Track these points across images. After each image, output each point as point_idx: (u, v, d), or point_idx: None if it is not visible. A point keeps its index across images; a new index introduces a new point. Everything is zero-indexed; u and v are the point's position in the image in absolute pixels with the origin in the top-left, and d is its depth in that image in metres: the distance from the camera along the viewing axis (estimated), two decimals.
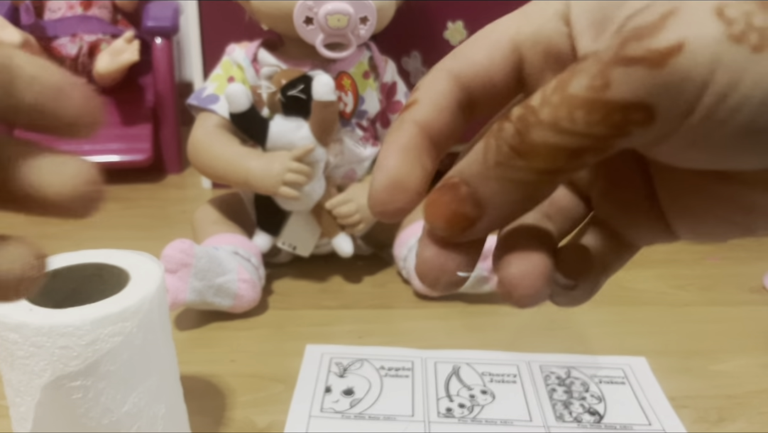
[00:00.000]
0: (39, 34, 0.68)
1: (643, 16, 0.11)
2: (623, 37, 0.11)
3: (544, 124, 0.11)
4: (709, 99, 0.10)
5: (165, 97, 0.73)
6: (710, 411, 0.38)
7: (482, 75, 0.14)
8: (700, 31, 0.10)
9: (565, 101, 0.11)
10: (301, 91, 0.46)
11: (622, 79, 0.10)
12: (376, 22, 0.47)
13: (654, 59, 0.10)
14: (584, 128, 0.11)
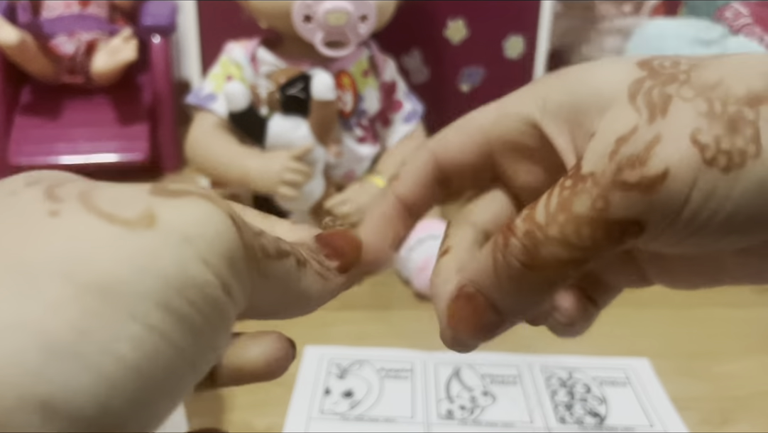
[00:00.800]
0: (36, 32, 0.68)
1: (633, 144, 0.12)
2: (618, 164, 0.12)
3: (554, 241, 0.13)
4: (688, 212, 0.12)
5: (163, 96, 0.73)
6: (713, 413, 0.38)
7: (456, 159, 0.16)
8: (680, 158, 0.12)
9: (572, 220, 0.13)
10: (301, 90, 0.45)
11: (620, 202, 0.12)
12: (375, 20, 0.47)
13: (646, 185, 0.12)
14: (589, 243, 0.13)
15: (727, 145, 0.12)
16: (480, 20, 0.62)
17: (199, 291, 0.10)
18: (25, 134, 0.70)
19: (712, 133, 0.12)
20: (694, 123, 0.12)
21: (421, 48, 0.63)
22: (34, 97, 0.72)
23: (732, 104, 0.12)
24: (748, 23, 0.59)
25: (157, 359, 0.09)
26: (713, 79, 0.13)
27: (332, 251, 0.14)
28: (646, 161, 0.12)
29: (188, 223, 0.10)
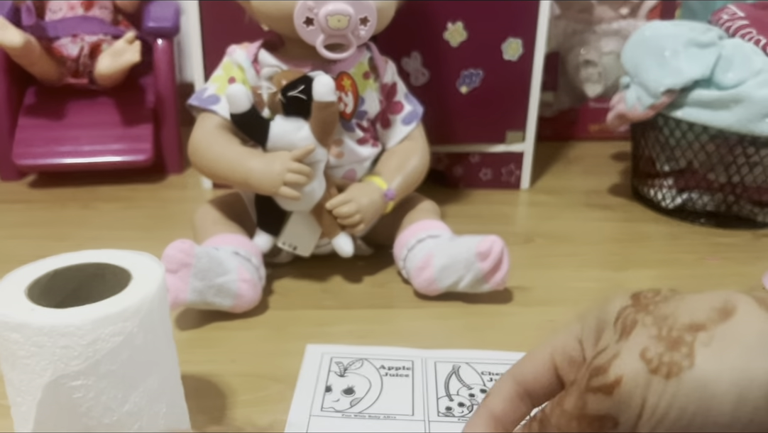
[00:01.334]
0: (40, 34, 0.69)
1: (599, 358, 0.18)
2: (589, 373, 0.18)
3: (553, 427, 0.18)
4: (648, 410, 0.17)
5: (166, 98, 0.73)
6: None
7: (533, 379, 0.22)
8: (630, 368, 0.17)
9: (564, 415, 0.18)
10: (302, 92, 0.46)
11: (592, 402, 0.18)
12: (376, 22, 0.47)
13: (606, 389, 0.17)
14: (577, 430, 0.18)
15: (667, 359, 0.16)
16: (479, 23, 0.63)
17: None
18: (30, 136, 0.70)
19: (656, 350, 0.17)
20: (645, 343, 0.17)
21: (421, 50, 0.64)
22: (38, 99, 0.73)
23: (676, 330, 0.17)
24: (745, 25, 0.60)
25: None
26: (669, 312, 0.18)
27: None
28: (606, 371, 0.17)
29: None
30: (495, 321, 0.47)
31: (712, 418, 0.16)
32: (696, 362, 0.16)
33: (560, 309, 0.48)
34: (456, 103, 0.66)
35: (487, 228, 0.52)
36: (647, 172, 0.66)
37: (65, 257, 0.29)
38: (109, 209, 0.66)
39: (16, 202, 0.67)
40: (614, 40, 0.83)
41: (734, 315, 0.17)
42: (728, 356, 0.16)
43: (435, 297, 0.49)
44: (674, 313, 0.18)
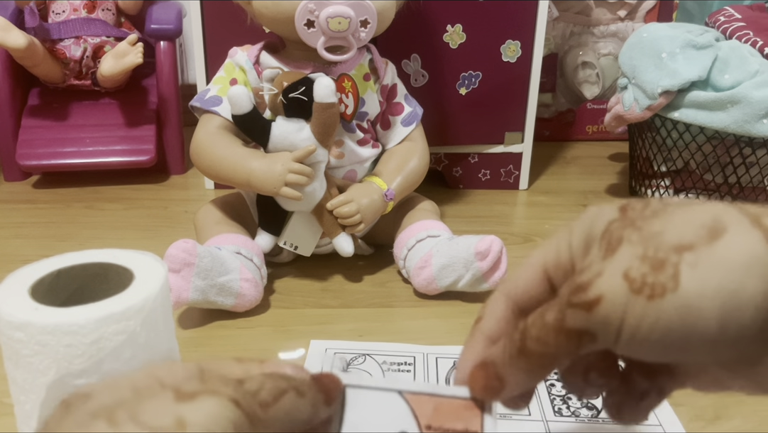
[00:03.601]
0: (43, 36, 0.69)
1: (582, 275, 0.17)
2: (571, 289, 0.17)
3: (533, 339, 0.18)
4: (627, 330, 0.16)
5: (168, 99, 0.74)
6: (706, 409, 0.38)
7: (527, 293, 0.21)
8: (612, 287, 0.17)
9: (544, 326, 0.18)
10: (303, 93, 0.46)
11: (571, 317, 0.17)
12: (376, 25, 0.48)
13: (585, 306, 0.17)
14: (554, 343, 0.18)
15: (651, 280, 0.16)
16: (478, 26, 0.63)
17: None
18: (33, 137, 0.71)
19: (640, 270, 0.16)
20: (629, 263, 0.17)
21: (421, 53, 0.64)
22: (42, 100, 0.74)
23: (662, 250, 0.16)
24: (741, 27, 0.60)
25: None
26: (657, 229, 0.17)
27: (321, 387, 0.19)
28: (588, 288, 0.17)
29: (206, 418, 0.15)
30: None
31: (696, 338, 0.16)
32: (681, 284, 0.16)
33: None
34: (455, 105, 0.66)
35: (486, 228, 0.53)
36: (644, 173, 0.66)
37: (69, 256, 0.30)
38: (112, 209, 0.67)
39: (20, 203, 0.68)
40: (612, 42, 0.83)
41: (724, 235, 0.16)
42: (714, 278, 0.16)
43: (434, 296, 0.50)
44: (662, 231, 0.17)
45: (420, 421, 0.20)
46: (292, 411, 0.17)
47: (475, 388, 0.20)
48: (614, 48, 0.83)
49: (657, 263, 0.16)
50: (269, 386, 0.17)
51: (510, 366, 0.19)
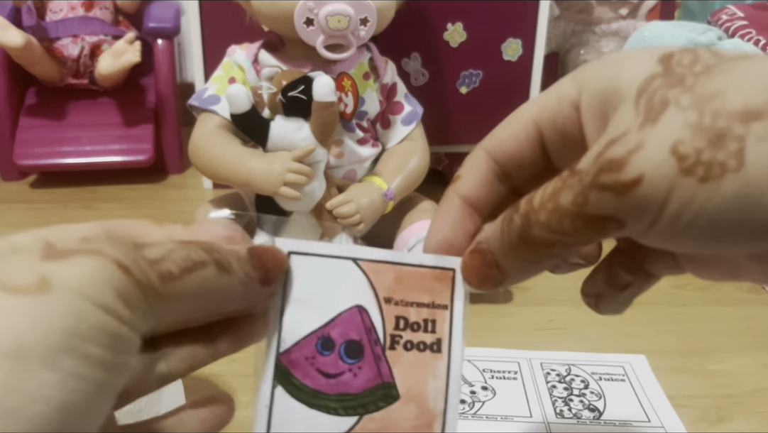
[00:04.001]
0: (41, 35, 0.69)
1: (616, 148, 0.13)
2: (599, 166, 0.14)
3: (542, 225, 0.15)
4: (667, 216, 0.13)
5: (166, 98, 0.73)
6: (709, 410, 0.38)
7: (511, 152, 0.17)
8: (656, 166, 0.13)
9: (556, 211, 0.14)
10: (302, 92, 0.46)
11: (596, 200, 0.14)
12: (376, 23, 0.47)
13: (619, 188, 0.13)
14: (571, 231, 0.14)
15: (707, 157, 0.12)
16: (478, 24, 0.63)
17: (98, 332, 0.12)
18: (31, 136, 0.70)
19: (694, 144, 0.13)
20: (679, 134, 0.13)
21: (421, 51, 0.64)
22: (39, 99, 0.73)
23: (723, 118, 0.13)
24: (744, 26, 0.60)
25: (76, 395, 0.11)
26: (714, 89, 0.13)
27: (258, 263, 0.15)
28: (624, 166, 0.13)
29: (78, 279, 0.12)
30: (495, 321, 0.47)
31: (750, 227, 0.13)
32: (746, 162, 0.12)
33: (560, 308, 0.48)
34: (456, 104, 0.66)
35: None
36: None
37: None
38: (110, 209, 0.66)
39: (18, 203, 0.67)
40: (613, 41, 0.83)
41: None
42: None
43: None
44: (721, 92, 0.13)
45: (378, 293, 0.17)
46: (209, 289, 0.14)
47: (470, 278, 0.17)
48: (616, 47, 0.82)
49: (716, 135, 0.12)
50: (178, 256, 0.14)
51: (510, 256, 0.16)
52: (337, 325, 0.17)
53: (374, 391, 0.17)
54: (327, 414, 0.16)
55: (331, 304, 0.17)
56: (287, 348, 0.16)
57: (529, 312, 0.48)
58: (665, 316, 0.48)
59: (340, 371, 0.16)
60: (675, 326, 0.47)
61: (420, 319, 0.17)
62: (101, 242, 0.13)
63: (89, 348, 0.12)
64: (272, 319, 0.16)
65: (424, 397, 0.17)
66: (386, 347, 0.17)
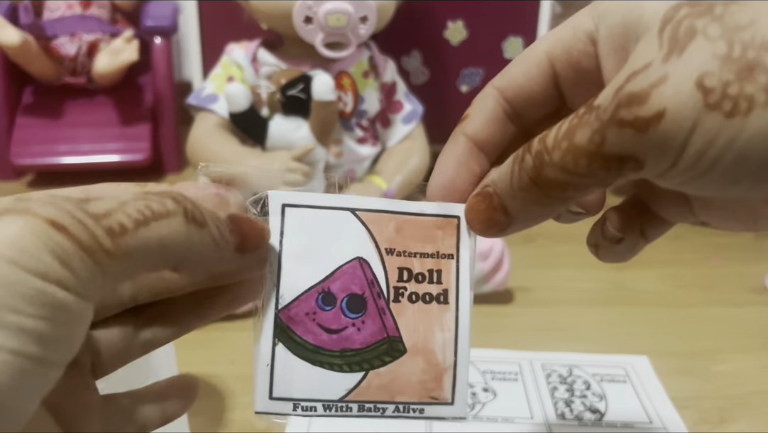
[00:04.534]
0: (38, 33, 0.68)
1: (637, 81, 0.12)
2: (618, 101, 0.13)
3: (555, 165, 0.14)
4: (689, 155, 0.12)
5: (164, 97, 0.73)
6: (711, 412, 0.38)
7: (523, 89, 0.16)
8: (680, 100, 0.12)
9: (571, 150, 0.13)
10: (301, 91, 0.45)
11: (615, 138, 0.13)
12: (375, 21, 0.47)
13: (640, 124, 0.12)
14: (586, 171, 0.13)
15: (735, 91, 0.12)
16: (479, 22, 0.63)
17: (31, 301, 0.10)
18: (27, 135, 0.70)
19: (721, 77, 0.12)
20: (706, 66, 0.12)
21: (421, 49, 0.63)
22: (36, 98, 0.73)
23: (754, 49, 0.12)
24: None
25: (10, 370, 0.10)
26: (746, 19, 0.12)
27: (236, 229, 0.14)
28: (646, 101, 0.12)
29: (6, 243, 0.11)
30: (496, 322, 0.47)
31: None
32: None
33: (562, 309, 0.48)
34: (456, 102, 0.66)
35: None
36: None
37: None
38: None
39: None
40: None
41: None
42: None
43: None
44: (752, 22, 0.12)
45: (379, 244, 0.16)
46: (174, 242, 0.12)
47: (475, 222, 0.16)
48: None
49: (745, 67, 0.12)
50: (133, 207, 0.12)
51: (519, 198, 0.15)
52: (337, 278, 0.16)
53: (379, 345, 0.16)
54: (331, 370, 0.16)
55: (331, 257, 0.16)
56: (286, 304, 0.16)
57: (531, 313, 0.48)
58: (667, 317, 0.48)
59: (342, 325, 0.16)
60: (677, 326, 0.47)
61: (425, 270, 0.16)
62: (36, 201, 0.11)
63: (18, 319, 0.10)
64: (269, 275, 0.16)
65: (432, 350, 0.16)
66: (390, 299, 0.16)
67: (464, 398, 0.17)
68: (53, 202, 0.11)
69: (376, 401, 0.16)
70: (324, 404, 0.16)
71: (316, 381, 0.16)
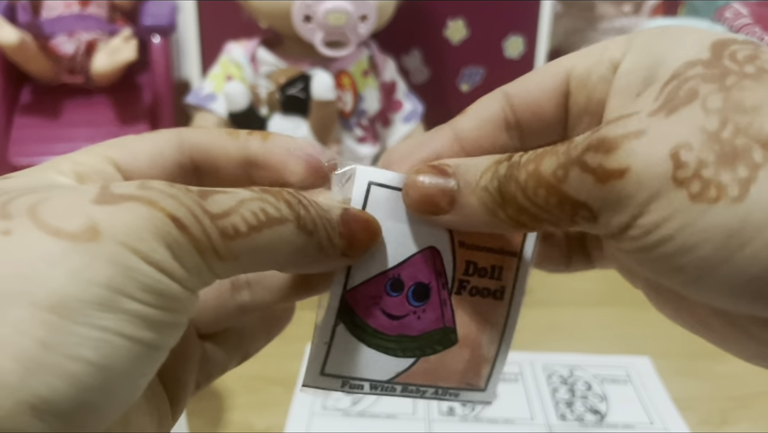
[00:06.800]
0: (36, 32, 0.68)
1: (613, 127, 0.12)
2: (589, 142, 0.12)
3: (518, 185, 0.13)
4: (643, 223, 0.11)
5: (163, 96, 0.73)
6: (713, 413, 0.38)
7: (532, 99, 0.15)
8: (647, 164, 0.11)
9: (534, 175, 0.13)
10: (300, 90, 0.45)
11: (575, 179, 0.12)
12: (375, 20, 0.47)
13: (601, 174, 0.12)
14: (543, 203, 0.13)
15: (708, 174, 0.11)
16: (480, 20, 0.62)
17: (146, 289, 0.11)
18: (25, 134, 0.70)
19: (700, 155, 0.11)
20: (689, 137, 0.11)
21: (421, 48, 0.63)
22: (34, 97, 0.72)
23: (747, 137, 0.11)
24: (748, 23, 0.59)
25: (118, 355, 0.10)
26: (751, 103, 0.11)
27: (347, 231, 0.14)
28: (613, 151, 0.11)
29: (128, 229, 0.11)
30: None
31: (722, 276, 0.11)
32: (749, 196, 0.10)
33: (563, 310, 0.48)
34: (457, 102, 0.65)
35: None
36: None
37: None
38: None
39: None
40: None
41: None
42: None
43: None
44: (758, 108, 0.11)
45: (454, 236, 0.16)
46: (281, 249, 0.13)
47: (413, 193, 0.15)
48: None
49: (729, 153, 0.11)
50: (250, 209, 0.12)
51: (476, 196, 0.14)
52: (409, 266, 0.16)
53: (433, 334, 0.16)
54: (385, 354, 0.16)
55: (407, 244, 0.16)
56: (354, 286, 0.16)
57: (531, 314, 0.47)
58: None
59: (404, 313, 0.16)
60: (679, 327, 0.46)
61: (488, 265, 0.16)
62: (160, 191, 0.11)
63: (134, 306, 0.11)
64: None
65: (479, 343, 0.17)
66: (453, 291, 0.16)
67: (495, 386, 0.17)
68: (175, 195, 0.11)
69: (419, 385, 0.16)
70: (371, 383, 0.16)
71: (369, 362, 0.16)
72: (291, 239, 0.13)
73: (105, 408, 0.10)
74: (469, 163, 0.14)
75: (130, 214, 0.11)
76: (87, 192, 0.11)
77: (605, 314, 0.48)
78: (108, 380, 0.10)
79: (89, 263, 0.10)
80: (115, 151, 0.14)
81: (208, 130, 0.15)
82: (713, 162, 0.11)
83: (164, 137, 0.14)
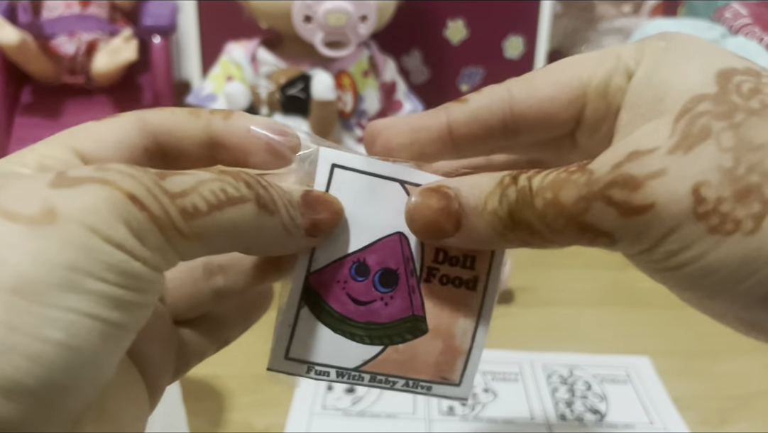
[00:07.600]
0: (36, 32, 0.68)
1: (637, 165, 0.12)
2: (614, 177, 0.13)
3: (534, 212, 0.13)
4: (662, 251, 0.13)
5: (163, 96, 0.73)
6: (713, 412, 0.38)
7: (541, 108, 0.15)
8: (672, 200, 0.12)
9: (553, 205, 0.13)
10: (301, 90, 0.45)
11: (598, 212, 0.13)
12: (375, 20, 0.47)
13: (627, 209, 0.12)
14: (561, 230, 0.13)
15: (726, 209, 0.12)
16: (480, 20, 0.62)
17: (109, 269, 0.11)
18: (26, 134, 0.70)
19: (718, 191, 0.12)
20: (708, 174, 0.12)
21: (421, 48, 0.63)
22: (35, 98, 0.73)
23: (758, 174, 0.12)
24: (748, 23, 0.59)
25: (85, 334, 0.10)
26: (760, 140, 0.12)
27: (309, 211, 0.14)
28: (640, 188, 0.12)
29: (86, 210, 0.11)
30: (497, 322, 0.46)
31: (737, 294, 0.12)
32: (762, 229, 0.12)
33: (563, 310, 0.48)
34: None
35: None
36: None
37: None
38: None
39: None
40: (616, 38, 0.83)
41: None
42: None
43: None
44: (765, 146, 0.12)
45: None
46: (243, 229, 0.13)
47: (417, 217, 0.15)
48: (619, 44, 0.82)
49: (743, 189, 0.12)
50: (209, 188, 0.12)
51: (484, 220, 0.14)
52: (375, 251, 0.16)
53: (403, 322, 0.16)
54: (351, 340, 0.16)
55: (372, 228, 0.15)
56: (318, 268, 0.15)
57: (531, 313, 0.47)
58: (669, 317, 0.48)
59: (371, 298, 0.16)
60: (679, 327, 0.46)
61: (460, 254, 0.16)
62: (117, 171, 0.11)
63: (99, 285, 0.11)
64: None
65: (452, 334, 0.16)
66: (422, 279, 0.16)
67: (471, 382, 0.17)
68: (133, 175, 0.11)
69: (388, 375, 0.16)
70: (338, 370, 0.16)
71: (335, 348, 0.16)
72: (253, 218, 0.13)
73: (75, 388, 0.11)
74: (467, 184, 0.14)
75: (87, 195, 0.11)
76: (43, 178, 0.11)
77: (605, 314, 0.48)
78: (76, 360, 0.10)
79: (48, 246, 0.10)
80: (78, 140, 0.14)
81: (170, 111, 0.15)
82: (730, 198, 0.12)
83: (126, 120, 0.14)
